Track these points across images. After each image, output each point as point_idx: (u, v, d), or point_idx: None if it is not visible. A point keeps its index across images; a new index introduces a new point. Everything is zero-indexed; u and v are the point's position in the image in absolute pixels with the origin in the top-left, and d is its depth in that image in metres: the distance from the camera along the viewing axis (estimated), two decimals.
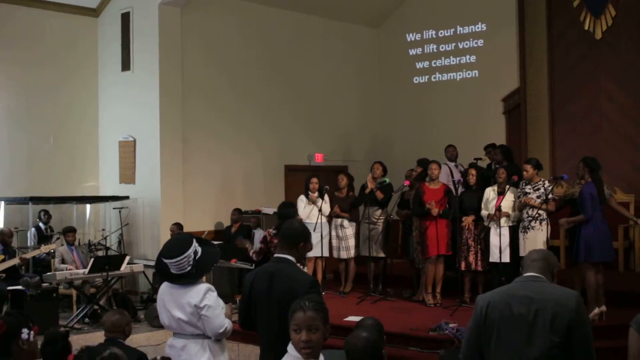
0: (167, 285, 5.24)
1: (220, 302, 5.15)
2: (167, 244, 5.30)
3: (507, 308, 3.88)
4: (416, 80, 15.40)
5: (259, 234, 12.68)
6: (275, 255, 4.84)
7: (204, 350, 5.10)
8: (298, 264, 7.19)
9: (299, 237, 4.77)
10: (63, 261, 11.32)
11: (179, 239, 5.34)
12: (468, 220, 9.93)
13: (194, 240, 5.20)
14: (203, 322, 5.06)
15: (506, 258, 9.48)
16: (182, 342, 5.14)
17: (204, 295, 5.06)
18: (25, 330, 3.88)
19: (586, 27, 13.02)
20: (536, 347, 3.76)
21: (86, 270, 10.62)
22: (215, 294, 5.13)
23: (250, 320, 4.82)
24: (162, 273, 5.28)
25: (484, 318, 3.95)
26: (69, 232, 11.62)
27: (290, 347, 3.63)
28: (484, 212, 9.71)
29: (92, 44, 13.77)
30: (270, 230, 8.47)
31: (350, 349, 3.73)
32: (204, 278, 5.46)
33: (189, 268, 5.10)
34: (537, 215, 9.15)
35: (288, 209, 8.14)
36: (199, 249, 5.17)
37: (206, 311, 5.03)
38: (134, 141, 13.10)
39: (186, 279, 5.11)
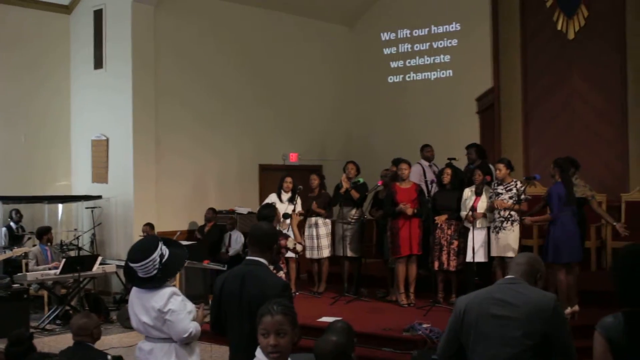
0: (135, 289, 5.18)
1: (188, 305, 5.08)
2: (133, 248, 5.21)
3: (483, 310, 3.88)
4: (391, 79, 15.42)
5: (235, 236, 12.63)
6: (247, 257, 4.81)
7: (169, 354, 5.04)
8: (271, 266, 7.15)
9: (271, 239, 4.75)
10: (37, 262, 11.22)
11: (144, 243, 5.27)
12: (441, 219, 9.93)
13: (160, 243, 5.12)
14: (167, 327, 5.00)
15: (480, 257, 9.51)
16: (150, 345, 5.09)
17: (168, 300, 4.99)
18: None
19: (559, 27, 13.09)
20: (509, 349, 3.76)
21: (57, 271, 10.51)
22: (180, 298, 5.06)
23: (220, 323, 4.78)
24: (129, 277, 5.23)
25: (462, 320, 3.96)
26: (44, 232, 11.52)
27: (259, 352, 3.59)
28: (463, 213, 9.71)
29: (64, 41, 13.65)
30: None
31: (319, 353, 3.72)
32: (175, 279, 5.41)
33: (155, 272, 5.02)
34: (508, 216, 9.18)
35: (268, 211, 8.06)
36: (166, 252, 5.09)
37: (170, 316, 4.96)
38: (107, 140, 13.00)
39: (152, 283, 5.04)
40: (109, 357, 4.98)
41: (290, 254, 10.50)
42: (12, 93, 12.96)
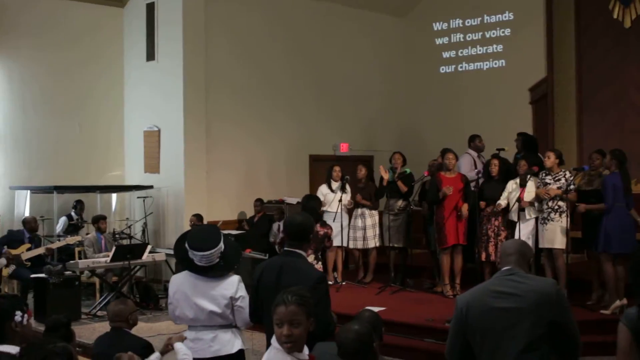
0: (190, 277, 5.15)
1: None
2: (197, 236, 5.21)
3: (486, 305, 3.84)
4: (443, 69, 15.28)
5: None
6: (285, 248, 4.84)
7: (235, 338, 5.11)
8: (312, 255, 7.18)
9: (306, 230, 4.77)
10: (93, 250, 11.48)
11: (209, 231, 5.27)
12: (488, 210, 9.81)
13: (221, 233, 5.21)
14: (235, 313, 5.04)
15: None
16: (211, 333, 5.09)
17: (238, 287, 5.04)
18: (18, 313, 3.91)
19: (615, 16, 12.78)
20: (521, 341, 3.72)
21: (108, 259, 10.73)
22: (243, 284, 5.12)
23: (258, 313, 4.83)
24: (186, 264, 5.20)
25: (465, 318, 3.91)
26: (100, 219, 11.76)
27: (274, 340, 3.61)
28: (502, 202, 9.57)
29: (117, 34, 13.86)
30: None
31: (340, 341, 3.72)
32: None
33: (217, 260, 5.08)
34: (556, 207, 9.03)
35: (312, 202, 8.10)
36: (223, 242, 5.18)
37: (241, 302, 5.00)
38: (159, 131, 13.17)
39: (215, 272, 5.07)
40: (145, 343, 5.05)
41: (335, 243, 10.60)
42: (68, 86, 13.23)
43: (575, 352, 3.77)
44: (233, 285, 5.04)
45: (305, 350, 3.64)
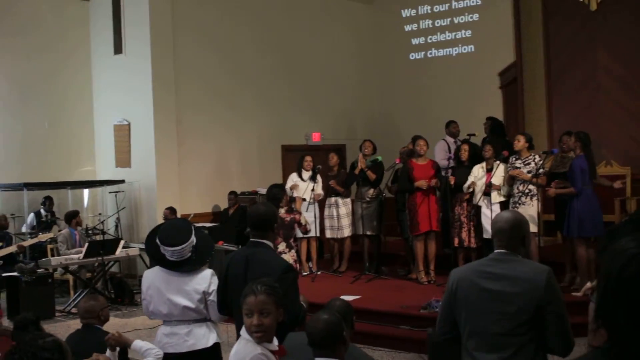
0: (162, 272, 5.13)
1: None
2: (168, 230, 5.17)
3: (474, 285, 3.83)
4: (412, 56, 15.31)
5: None
6: (251, 239, 4.83)
7: (210, 332, 5.10)
8: (284, 243, 7.17)
9: (270, 220, 4.76)
10: (67, 246, 11.39)
11: (180, 226, 5.25)
12: (463, 196, 9.85)
13: (193, 227, 5.17)
14: (209, 307, 5.02)
15: None
16: (186, 328, 5.08)
17: (211, 281, 5.02)
18: None
19: None
20: (504, 325, 3.71)
21: (81, 256, 10.65)
22: (216, 278, 5.08)
23: (227, 305, 4.82)
24: (158, 259, 5.17)
25: (454, 294, 3.91)
26: (73, 216, 11.66)
27: (243, 331, 3.61)
28: (465, 185, 9.61)
29: (84, 27, 13.73)
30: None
31: (310, 331, 3.71)
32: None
33: (189, 254, 5.05)
34: (527, 190, 9.10)
35: (275, 190, 8.09)
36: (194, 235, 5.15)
37: (214, 296, 4.97)
38: (129, 125, 13.08)
39: (188, 266, 5.05)
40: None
41: (302, 234, 10.60)
42: (34, 81, 13.06)
43: (563, 343, 3.69)
44: (206, 280, 5.03)
45: (275, 340, 3.65)
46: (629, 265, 1.92)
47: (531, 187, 9.11)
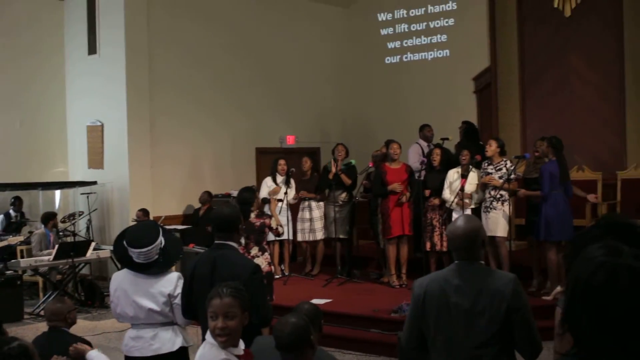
0: (129, 274, 5.08)
1: None
2: (134, 233, 5.12)
3: (443, 297, 3.77)
4: (388, 60, 15.34)
5: None
6: (216, 241, 4.80)
7: (176, 336, 5.03)
8: (256, 247, 7.14)
9: (234, 222, 4.74)
10: (40, 247, 11.28)
11: (147, 228, 5.21)
12: (435, 202, 9.87)
13: (160, 228, 5.13)
14: (174, 311, 4.97)
15: None
16: (152, 331, 5.02)
17: (177, 284, 4.96)
18: None
19: (555, 5, 12.92)
20: (475, 337, 3.68)
21: (51, 257, 10.54)
22: (183, 281, 5.03)
23: (192, 308, 4.78)
24: (125, 262, 5.12)
25: (422, 306, 3.84)
26: (51, 218, 11.56)
27: (208, 335, 3.58)
28: (446, 195, 9.65)
29: (58, 27, 13.62)
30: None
31: (276, 334, 3.69)
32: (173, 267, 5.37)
33: (157, 257, 5.00)
34: (499, 195, 9.14)
35: (245, 194, 8.04)
36: (162, 237, 5.09)
37: (180, 300, 4.92)
38: (102, 126, 12.99)
39: (155, 269, 5.00)
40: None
41: (275, 237, 10.57)
42: (7, 80, 12.93)
43: (531, 348, 3.69)
44: (171, 283, 4.98)
45: (241, 345, 3.62)
46: (596, 273, 1.94)
47: (502, 192, 9.15)
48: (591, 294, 1.92)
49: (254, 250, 7.73)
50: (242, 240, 7.69)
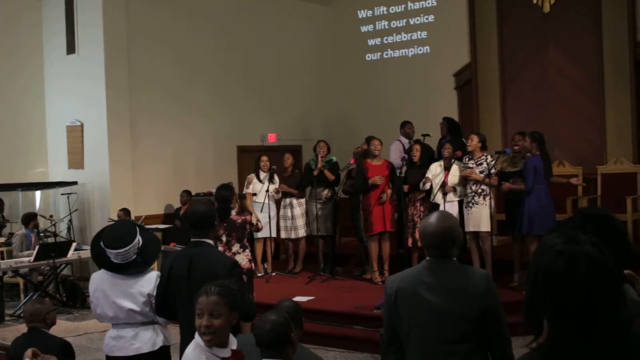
0: (108, 275, 5.05)
1: None
2: (111, 233, 5.08)
3: (415, 295, 3.72)
4: (368, 57, 15.34)
5: None
6: (192, 239, 4.77)
7: (157, 335, 5.02)
8: (238, 244, 7.12)
9: (209, 219, 4.73)
10: (22, 248, 11.20)
11: (123, 228, 5.18)
12: (416, 196, 9.89)
13: (137, 228, 5.09)
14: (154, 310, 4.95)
15: None
16: (132, 331, 5.01)
17: (156, 283, 4.93)
18: None
19: (534, 1, 12.99)
20: (447, 334, 3.65)
21: (31, 258, 10.47)
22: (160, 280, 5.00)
23: (166, 306, 4.75)
24: (102, 262, 5.09)
25: (395, 304, 3.80)
26: (31, 219, 11.48)
27: (197, 335, 3.57)
28: (425, 185, 9.66)
29: (36, 26, 13.49)
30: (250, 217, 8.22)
31: (257, 332, 3.68)
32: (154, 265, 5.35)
33: (134, 257, 4.98)
34: (480, 190, 9.17)
35: (224, 191, 8.00)
36: (140, 237, 5.06)
37: (155, 297, 4.89)
38: (82, 125, 12.90)
39: (133, 269, 4.98)
40: (62, 342, 4.93)
41: (260, 235, 10.60)
42: None
43: (502, 345, 3.67)
44: (151, 282, 4.96)
45: (233, 345, 3.60)
46: (556, 261, 1.94)
47: (484, 187, 9.18)
48: (551, 282, 1.94)
49: (236, 247, 7.71)
50: (224, 238, 7.67)
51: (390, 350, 3.95)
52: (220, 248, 7.50)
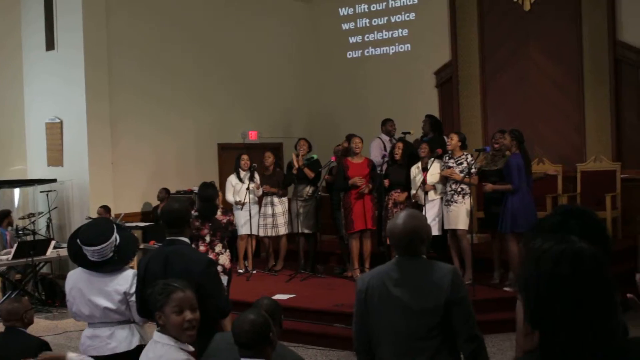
0: (84, 273, 5.01)
1: None
2: (88, 230, 5.05)
3: (384, 291, 3.76)
4: (350, 54, 15.33)
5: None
6: (167, 237, 4.75)
7: (132, 335, 4.97)
8: (220, 244, 7.09)
9: (184, 217, 4.72)
10: None
11: (100, 225, 5.14)
12: (401, 197, 9.88)
13: (115, 225, 5.06)
14: (131, 309, 4.92)
15: (435, 231, 9.47)
16: (108, 330, 4.96)
17: (132, 281, 4.91)
18: None
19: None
20: (415, 330, 3.67)
21: (9, 257, 10.39)
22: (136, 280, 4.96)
23: (146, 306, 4.72)
24: (79, 260, 5.04)
25: (365, 302, 3.83)
26: (5, 216, 11.39)
27: (160, 336, 3.52)
28: (413, 192, 9.71)
29: (14, 22, 13.39)
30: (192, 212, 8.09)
31: (236, 332, 3.66)
32: (133, 263, 5.32)
33: (111, 254, 4.94)
34: (459, 189, 9.19)
35: (209, 190, 7.96)
36: (117, 234, 5.02)
37: (135, 297, 4.87)
38: (61, 122, 12.80)
39: (110, 266, 4.94)
40: (40, 342, 4.89)
41: (241, 232, 10.56)
42: None
43: (470, 340, 3.68)
44: (127, 280, 4.92)
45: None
46: (560, 262, 1.92)
47: (464, 186, 9.20)
48: (559, 284, 1.90)
49: (219, 247, 7.68)
50: (207, 238, 7.62)
51: (361, 351, 3.96)
52: (202, 248, 7.48)
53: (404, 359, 3.72)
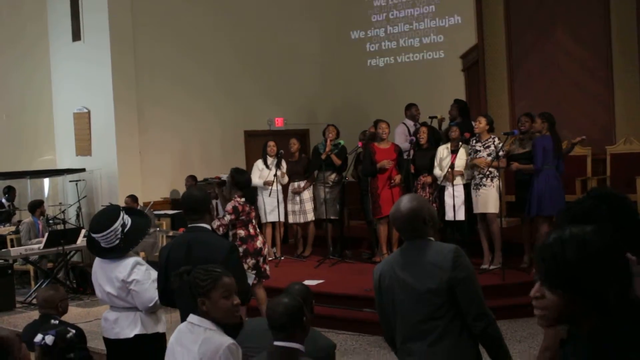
0: (99, 259, 5.16)
1: (153, 274, 4.98)
2: (94, 218, 5.20)
3: (394, 276, 3.84)
4: (374, 43, 15.27)
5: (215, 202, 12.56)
6: (189, 225, 4.77)
7: (134, 323, 5.02)
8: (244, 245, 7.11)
9: (205, 204, 4.74)
10: (30, 235, 11.24)
11: (105, 213, 5.22)
12: (426, 180, 9.87)
13: (122, 213, 5.08)
14: (132, 297, 4.98)
15: (461, 216, 9.46)
16: (115, 315, 5.08)
17: (132, 270, 4.96)
18: None
19: None
20: (422, 311, 3.72)
21: (41, 245, 10.51)
22: (144, 267, 5.02)
23: (168, 294, 4.72)
24: (92, 247, 5.17)
25: (379, 289, 3.95)
26: (38, 206, 11.53)
27: (197, 319, 3.56)
28: (437, 172, 9.65)
29: (41, 14, 13.50)
30: (239, 199, 7.97)
31: (269, 314, 3.69)
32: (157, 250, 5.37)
33: (118, 242, 5.00)
34: (488, 172, 9.13)
35: (244, 176, 7.98)
36: (128, 221, 5.05)
37: (134, 286, 4.94)
38: (89, 112, 12.90)
39: (115, 253, 5.02)
40: (72, 331, 4.95)
41: (269, 219, 10.60)
42: None
43: (477, 319, 3.69)
44: (126, 269, 4.98)
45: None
46: (612, 236, 2.03)
47: (492, 169, 9.14)
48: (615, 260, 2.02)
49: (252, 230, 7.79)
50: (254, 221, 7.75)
51: (389, 340, 4.05)
52: (251, 230, 7.70)
53: (414, 341, 3.78)
